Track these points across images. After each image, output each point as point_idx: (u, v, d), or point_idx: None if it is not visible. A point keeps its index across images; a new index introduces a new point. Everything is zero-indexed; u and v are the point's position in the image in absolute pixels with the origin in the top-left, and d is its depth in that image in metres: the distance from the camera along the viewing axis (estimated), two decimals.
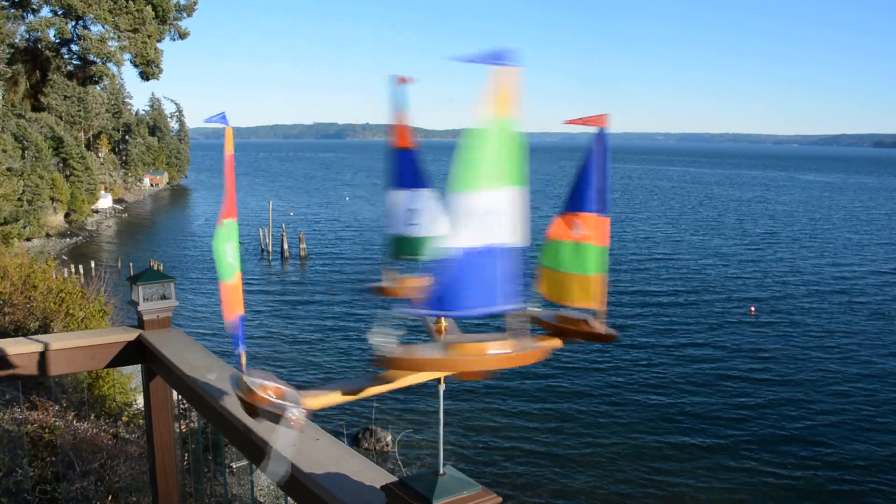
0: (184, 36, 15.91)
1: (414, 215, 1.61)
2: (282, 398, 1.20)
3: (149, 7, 14.49)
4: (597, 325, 1.48)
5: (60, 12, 14.47)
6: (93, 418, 5.80)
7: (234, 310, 1.28)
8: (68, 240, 55.15)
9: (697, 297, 33.35)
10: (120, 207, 74.87)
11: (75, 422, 5.24)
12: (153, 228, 64.35)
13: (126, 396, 7.71)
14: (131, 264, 39.29)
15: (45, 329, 6.63)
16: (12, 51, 15.36)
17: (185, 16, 15.73)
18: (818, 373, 22.90)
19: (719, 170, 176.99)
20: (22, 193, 48.18)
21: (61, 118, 72.12)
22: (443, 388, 1.38)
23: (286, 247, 46.63)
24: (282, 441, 1.48)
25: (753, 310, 30.86)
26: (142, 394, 3.51)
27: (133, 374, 8.10)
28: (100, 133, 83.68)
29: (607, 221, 1.41)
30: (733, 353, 24.84)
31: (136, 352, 3.12)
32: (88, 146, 77.49)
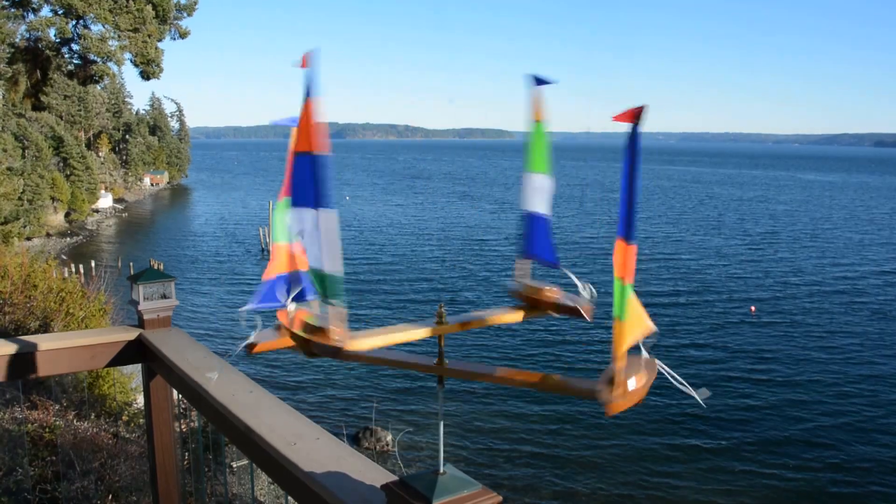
0: (184, 35, 15.93)
1: (303, 240, 1.25)
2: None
3: (149, 6, 14.51)
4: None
5: (61, 12, 14.48)
6: (93, 418, 5.80)
7: (275, 270, 1.43)
8: (68, 239, 55.12)
9: (698, 297, 33.29)
10: (120, 207, 74.80)
11: (75, 421, 5.24)
12: (153, 228, 64.31)
13: (126, 396, 7.72)
14: (131, 264, 39.26)
15: (45, 328, 6.63)
16: (13, 50, 15.38)
17: (185, 15, 15.75)
18: (819, 373, 22.85)
19: (720, 169, 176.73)
20: (22, 193, 48.16)
21: (61, 117, 72.09)
22: (442, 388, 1.38)
23: None
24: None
25: (754, 310, 30.80)
26: (142, 393, 3.51)
27: (133, 374, 8.10)
28: (100, 132, 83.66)
29: (633, 250, 1.09)
30: (734, 354, 24.80)
31: (137, 351, 3.12)
32: (89, 145, 77.49)
